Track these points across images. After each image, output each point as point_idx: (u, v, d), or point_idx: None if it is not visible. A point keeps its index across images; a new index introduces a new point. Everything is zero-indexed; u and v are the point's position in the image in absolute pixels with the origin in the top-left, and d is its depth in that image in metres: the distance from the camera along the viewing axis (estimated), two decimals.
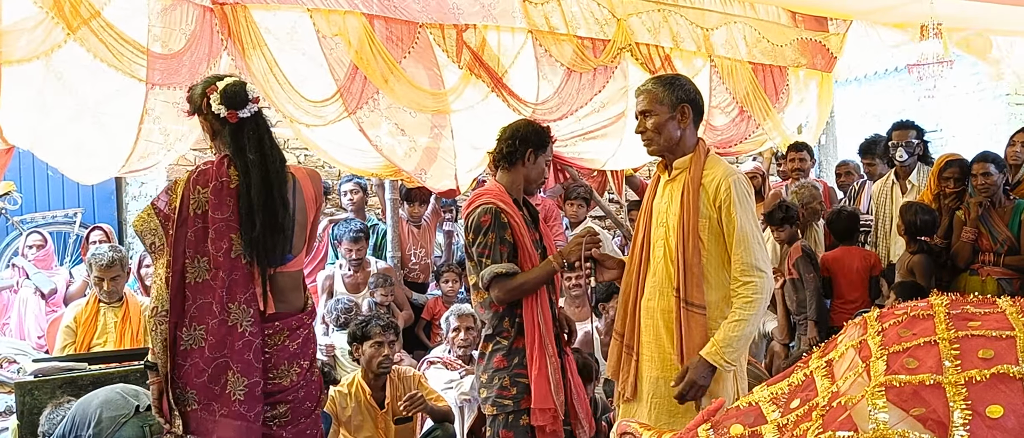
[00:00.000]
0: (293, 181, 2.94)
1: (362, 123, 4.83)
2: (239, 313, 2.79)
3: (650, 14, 5.82)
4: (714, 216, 2.92)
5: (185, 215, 2.79)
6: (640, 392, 3.06)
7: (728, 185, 2.90)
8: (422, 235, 6.11)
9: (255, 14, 4.41)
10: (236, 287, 2.79)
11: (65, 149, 4.33)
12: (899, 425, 1.41)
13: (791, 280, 5.29)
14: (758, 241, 2.91)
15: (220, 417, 2.79)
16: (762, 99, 6.44)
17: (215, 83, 2.85)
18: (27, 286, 5.54)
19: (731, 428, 1.68)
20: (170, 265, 2.78)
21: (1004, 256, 4.78)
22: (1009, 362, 1.44)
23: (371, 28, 4.71)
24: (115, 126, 4.34)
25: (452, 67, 5.08)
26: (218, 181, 2.80)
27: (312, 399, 3.06)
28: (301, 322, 2.98)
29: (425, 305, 5.84)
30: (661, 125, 3.02)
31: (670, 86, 3.03)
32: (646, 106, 3.04)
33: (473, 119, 5.30)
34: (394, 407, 4.22)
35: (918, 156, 5.62)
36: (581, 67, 5.52)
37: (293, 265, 2.95)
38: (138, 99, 4.20)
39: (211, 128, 2.90)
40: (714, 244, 2.92)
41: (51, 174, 6.73)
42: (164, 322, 2.78)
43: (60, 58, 4.00)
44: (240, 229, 2.80)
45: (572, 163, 6.16)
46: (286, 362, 2.93)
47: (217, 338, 2.77)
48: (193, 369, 2.79)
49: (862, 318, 1.73)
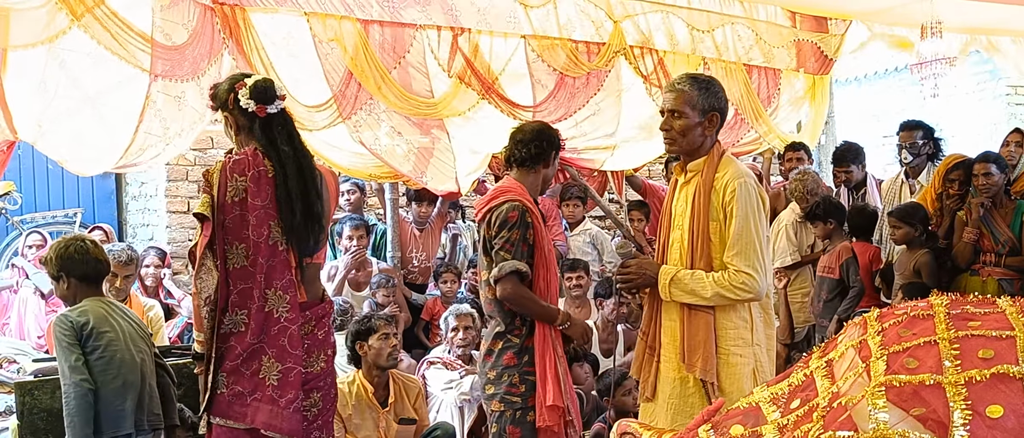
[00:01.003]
0: (319, 176, 3.03)
1: (359, 125, 4.83)
2: (276, 299, 2.86)
3: (646, 16, 5.81)
4: (722, 218, 2.93)
5: (223, 202, 2.85)
6: (658, 392, 3.08)
7: (734, 186, 2.91)
8: (425, 237, 6.11)
9: (252, 16, 4.42)
10: (274, 273, 2.86)
11: (65, 140, 4.30)
12: (899, 425, 1.41)
13: (830, 279, 5.26)
14: (755, 248, 2.88)
15: (252, 401, 2.84)
16: (755, 102, 6.43)
17: (243, 79, 2.93)
18: (27, 286, 5.53)
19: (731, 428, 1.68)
20: (218, 252, 2.84)
21: (1005, 257, 4.78)
22: (1009, 362, 1.44)
23: (366, 34, 4.72)
24: (115, 118, 4.31)
25: (442, 76, 5.09)
26: (256, 170, 2.87)
27: (337, 388, 3.16)
28: (325, 311, 3.07)
29: (424, 305, 5.84)
30: (688, 129, 2.99)
31: (705, 91, 2.98)
32: (676, 106, 2.99)
33: (469, 124, 5.32)
34: (397, 407, 4.23)
35: (928, 156, 5.60)
36: (574, 71, 5.53)
37: (319, 256, 3.05)
38: (140, 91, 4.17)
39: (237, 123, 2.96)
40: (723, 245, 2.93)
41: (51, 168, 6.75)
42: (214, 307, 2.83)
43: (63, 46, 3.98)
44: (279, 216, 2.87)
45: (572, 163, 6.16)
46: (317, 350, 3.00)
47: (256, 324, 2.83)
48: (229, 352, 2.85)
49: (862, 318, 1.73)
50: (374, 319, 4.21)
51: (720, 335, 2.94)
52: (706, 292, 2.89)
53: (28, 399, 3.76)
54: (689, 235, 2.97)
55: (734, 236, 2.88)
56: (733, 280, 2.87)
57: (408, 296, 5.83)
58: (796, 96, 6.91)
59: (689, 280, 2.93)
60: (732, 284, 2.87)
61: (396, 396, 4.24)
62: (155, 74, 4.13)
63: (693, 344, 2.92)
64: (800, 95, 6.94)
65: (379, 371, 4.19)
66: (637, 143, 6.18)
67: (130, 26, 4.04)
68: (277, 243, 2.86)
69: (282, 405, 2.83)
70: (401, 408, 4.26)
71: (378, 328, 4.16)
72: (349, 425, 4.11)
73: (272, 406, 2.83)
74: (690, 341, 2.93)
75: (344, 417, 4.10)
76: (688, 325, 2.95)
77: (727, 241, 2.90)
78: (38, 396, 3.77)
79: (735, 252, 2.87)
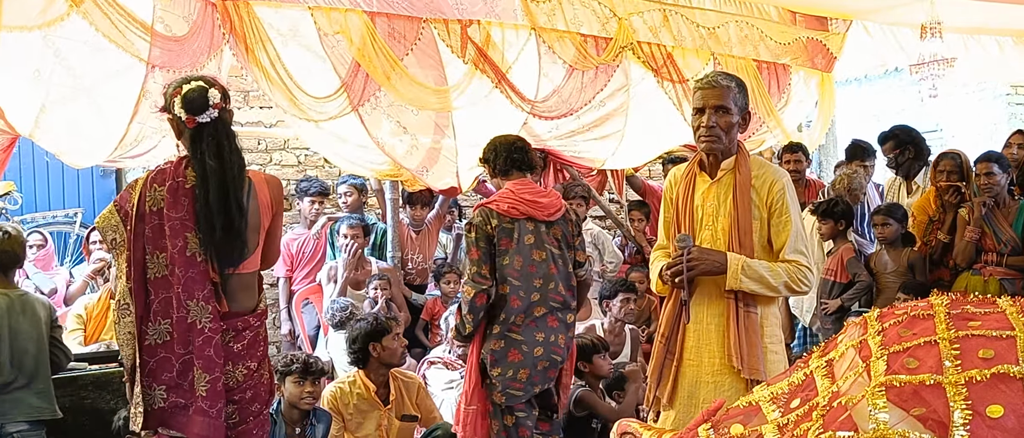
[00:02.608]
0: (249, 185, 3.00)
1: (364, 120, 4.82)
2: (198, 310, 2.87)
3: (651, 13, 5.81)
4: (764, 216, 2.95)
5: (142, 211, 2.89)
6: (677, 398, 3.01)
7: (781, 185, 2.95)
8: (421, 239, 6.10)
9: (257, 10, 4.40)
10: (194, 285, 2.87)
11: (60, 132, 4.26)
12: (899, 425, 1.41)
13: (832, 282, 5.28)
14: (806, 241, 3.02)
15: (191, 413, 2.88)
16: (765, 97, 6.43)
17: (182, 86, 2.93)
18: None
19: (731, 428, 1.68)
20: (130, 259, 2.87)
21: (1007, 256, 4.77)
22: (1009, 362, 1.44)
23: (372, 25, 4.69)
24: (110, 108, 4.27)
25: (456, 63, 5.07)
26: (174, 180, 2.90)
27: (260, 400, 3.11)
28: (247, 324, 3.03)
29: (424, 306, 5.84)
30: (731, 126, 2.96)
31: (741, 90, 2.99)
32: (722, 102, 2.94)
33: (475, 117, 5.29)
34: (398, 405, 4.22)
35: (911, 159, 5.66)
36: (583, 65, 5.51)
37: (246, 267, 3.00)
38: (136, 81, 4.13)
39: (176, 128, 3.00)
40: (760, 245, 2.96)
41: (51, 165, 6.74)
42: (127, 314, 2.86)
43: (59, 34, 3.94)
44: (196, 229, 2.88)
45: (572, 162, 6.16)
46: (233, 361, 2.97)
47: (180, 334, 2.86)
48: (161, 365, 2.87)
49: (862, 317, 1.73)
50: (386, 319, 4.19)
51: (763, 332, 2.94)
52: (777, 280, 2.90)
53: None
54: (732, 234, 2.94)
55: (793, 233, 2.93)
56: (798, 273, 2.92)
57: (408, 296, 5.83)
58: (806, 93, 6.91)
59: (760, 268, 2.90)
60: (797, 277, 2.92)
61: (397, 394, 4.24)
62: (153, 64, 4.07)
63: (747, 342, 2.88)
64: (810, 92, 6.94)
65: (384, 370, 4.17)
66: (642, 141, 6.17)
67: (131, 15, 4.00)
68: (195, 254, 2.87)
69: (213, 416, 2.87)
70: (402, 406, 4.25)
71: (391, 328, 4.14)
72: (350, 425, 4.10)
73: (204, 417, 2.86)
74: (744, 342, 2.88)
75: (345, 417, 4.11)
76: (742, 323, 2.91)
77: (778, 238, 2.95)
78: None
79: (793, 248, 2.92)
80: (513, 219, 3.76)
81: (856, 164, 6.01)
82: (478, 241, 3.72)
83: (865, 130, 7.70)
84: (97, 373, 4.08)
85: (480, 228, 3.74)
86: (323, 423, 3.97)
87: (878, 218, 5.16)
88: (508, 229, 3.75)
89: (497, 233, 3.74)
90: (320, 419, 3.97)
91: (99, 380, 4.02)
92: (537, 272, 3.77)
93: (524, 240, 3.76)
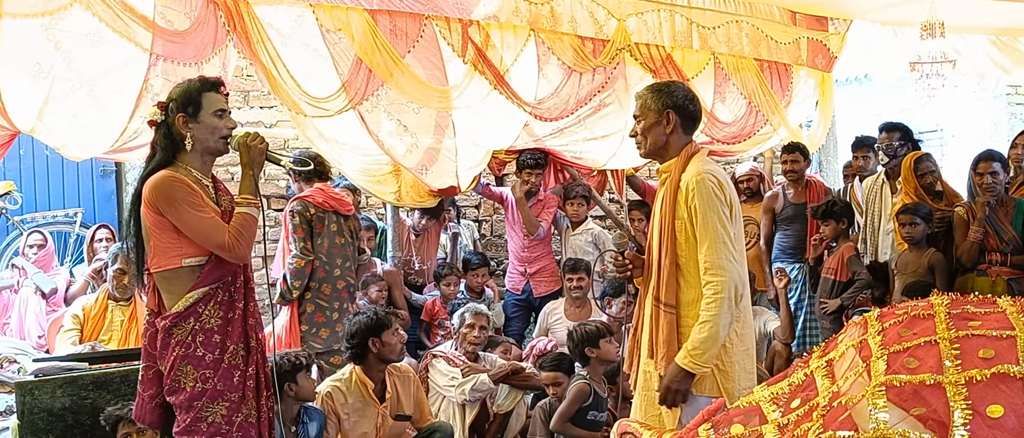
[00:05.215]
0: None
1: (365, 118, 4.82)
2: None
3: (649, 14, 5.81)
4: (686, 216, 3.01)
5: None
6: (637, 382, 3.25)
7: (694, 185, 2.99)
8: (421, 242, 6.11)
9: (257, 9, 4.40)
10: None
11: (60, 125, 4.23)
12: (899, 425, 1.41)
13: (833, 281, 5.25)
14: (722, 240, 2.96)
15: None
16: (769, 95, 6.43)
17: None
18: (27, 286, 5.54)
19: (732, 428, 1.69)
20: None
21: (1011, 255, 4.77)
22: (1009, 362, 1.44)
23: (374, 23, 4.69)
24: (111, 101, 4.24)
25: (456, 62, 5.07)
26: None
27: (182, 393, 3.14)
28: (156, 325, 3.11)
29: (424, 306, 5.84)
30: (648, 129, 3.16)
31: (658, 93, 3.17)
32: (637, 111, 3.21)
33: (475, 116, 5.29)
34: (395, 400, 4.20)
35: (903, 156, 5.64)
36: (581, 67, 5.51)
37: (156, 264, 3.11)
38: (138, 74, 4.10)
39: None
40: (689, 245, 3.01)
41: (51, 163, 6.74)
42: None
43: (60, 26, 3.93)
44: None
45: (572, 163, 6.16)
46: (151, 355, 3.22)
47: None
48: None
49: (863, 317, 1.73)
50: (386, 313, 4.16)
51: (683, 334, 3.00)
52: (716, 326, 2.92)
53: (28, 399, 3.77)
54: (657, 234, 3.10)
55: (699, 232, 2.97)
56: (706, 299, 2.94)
57: (408, 296, 5.83)
58: (807, 92, 6.91)
59: (695, 338, 2.95)
60: (708, 303, 2.93)
61: (393, 390, 4.21)
62: (156, 54, 4.04)
63: (659, 342, 3.04)
64: (810, 91, 6.94)
65: (382, 366, 4.14)
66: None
67: (132, 9, 3.99)
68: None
69: (146, 400, 3.13)
70: (398, 402, 4.24)
71: (391, 323, 4.10)
72: (346, 421, 4.07)
73: (139, 399, 3.16)
74: (657, 340, 3.05)
75: (341, 414, 4.07)
76: (655, 323, 3.06)
77: (699, 250, 2.98)
78: (38, 396, 3.78)
79: (705, 247, 2.96)
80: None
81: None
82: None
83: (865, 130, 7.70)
84: (97, 373, 4.07)
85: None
86: (316, 421, 3.95)
87: (904, 217, 5.02)
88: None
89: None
90: (313, 417, 3.95)
91: (99, 380, 4.01)
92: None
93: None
